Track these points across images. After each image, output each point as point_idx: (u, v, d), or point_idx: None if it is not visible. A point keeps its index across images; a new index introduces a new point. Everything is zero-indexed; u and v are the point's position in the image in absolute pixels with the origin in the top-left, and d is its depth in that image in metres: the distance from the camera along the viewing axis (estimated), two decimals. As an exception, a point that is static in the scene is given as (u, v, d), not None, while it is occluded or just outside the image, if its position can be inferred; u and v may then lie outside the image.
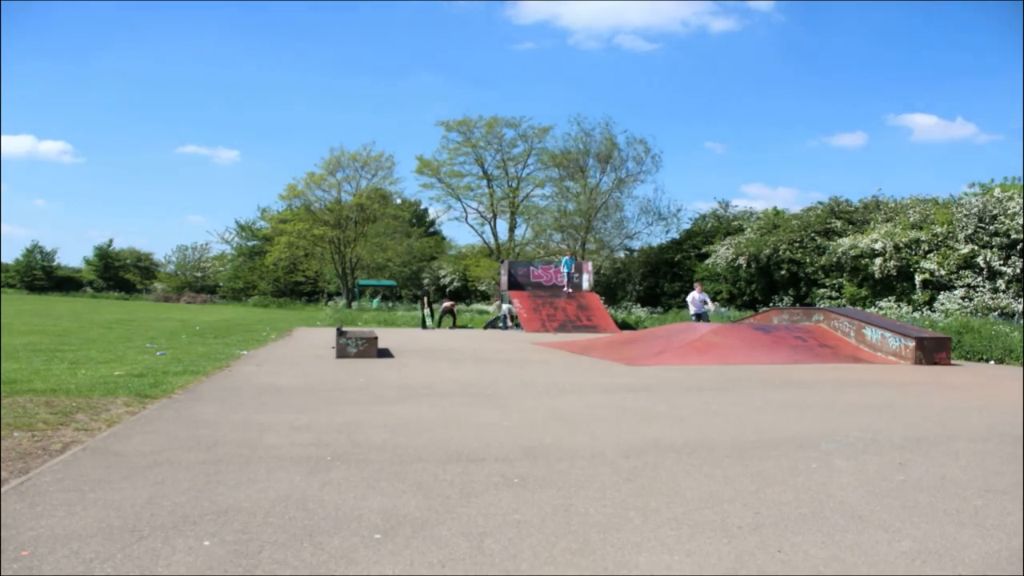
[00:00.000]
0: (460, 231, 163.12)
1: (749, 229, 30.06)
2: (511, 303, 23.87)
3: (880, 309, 21.97)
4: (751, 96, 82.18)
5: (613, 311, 27.92)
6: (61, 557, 2.68)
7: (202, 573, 2.57)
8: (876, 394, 8.24)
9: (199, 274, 66.70)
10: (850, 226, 26.85)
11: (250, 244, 60.40)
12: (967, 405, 7.49)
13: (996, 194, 22.21)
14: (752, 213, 34.93)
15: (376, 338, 12.04)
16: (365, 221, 43.58)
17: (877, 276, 23.23)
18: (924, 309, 21.63)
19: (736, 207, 36.29)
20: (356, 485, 3.77)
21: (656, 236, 36.92)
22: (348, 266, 44.17)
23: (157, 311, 34.32)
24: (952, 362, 12.86)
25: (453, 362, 11.32)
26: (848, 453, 4.85)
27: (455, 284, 48.71)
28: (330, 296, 51.54)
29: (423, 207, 53.89)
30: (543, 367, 10.79)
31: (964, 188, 25.87)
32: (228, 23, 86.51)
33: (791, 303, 26.43)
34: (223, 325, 21.37)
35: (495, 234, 40.20)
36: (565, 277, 25.29)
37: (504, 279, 25.72)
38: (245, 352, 12.10)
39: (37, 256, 69.80)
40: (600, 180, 35.99)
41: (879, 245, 23.32)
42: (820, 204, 29.23)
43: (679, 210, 37.94)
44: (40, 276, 68.33)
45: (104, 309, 33.56)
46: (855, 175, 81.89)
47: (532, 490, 3.75)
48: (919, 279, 22.22)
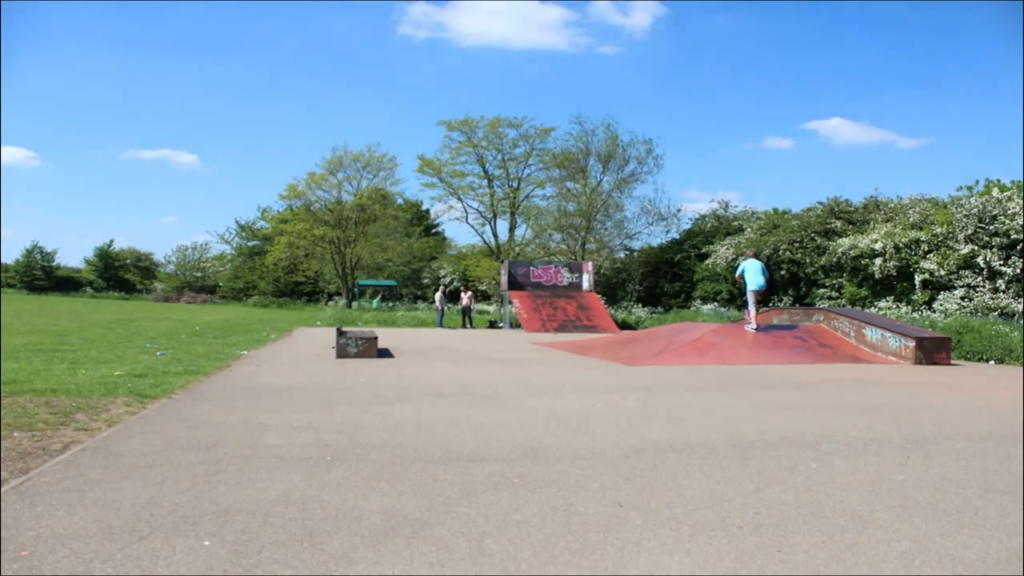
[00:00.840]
0: (460, 231, 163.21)
1: (749, 229, 30.07)
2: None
3: (880, 309, 21.97)
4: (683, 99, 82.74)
5: (613, 311, 27.93)
6: (61, 557, 2.67)
7: (202, 573, 2.57)
8: (876, 394, 8.24)
9: (199, 274, 66.69)
10: (850, 226, 26.86)
11: (250, 244, 60.40)
12: (967, 405, 7.49)
13: (996, 194, 22.21)
14: (752, 213, 34.95)
15: (376, 338, 12.04)
16: (365, 221, 43.57)
17: (877, 276, 23.23)
18: (924, 309, 21.63)
19: (736, 207, 36.33)
20: (356, 485, 3.77)
21: (656, 236, 36.95)
22: (348, 266, 44.17)
23: (157, 311, 34.32)
24: (952, 362, 12.86)
25: (453, 362, 11.32)
26: (848, 453, 4.85)
27: (455, 284, 48.72)
28: (330, 296, 51.54)
29: (424, 207, 53.89)
30: (543, 367, 10.79)
31: (955, 190, 25.89)
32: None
33: (791, 303, 26.44)
34: (223, 325, 21.37)
35: (495, 234, 40.20)
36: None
37: (504, 279, 25.72)
38: (245, 352, 12.10)
39: (37, 256, 69.79)
40: (601, 180, 36.02)
41: (879, 245, 23.33)
42: (820, 204, 29.24)
43: (679, 210, 37.96)
44: (40, 276, 68.32)
45: (104, 309, 33.56)
46: (787, 178, 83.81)
47: (532, 490, 3.75)
48: (919, 279, 22.22)
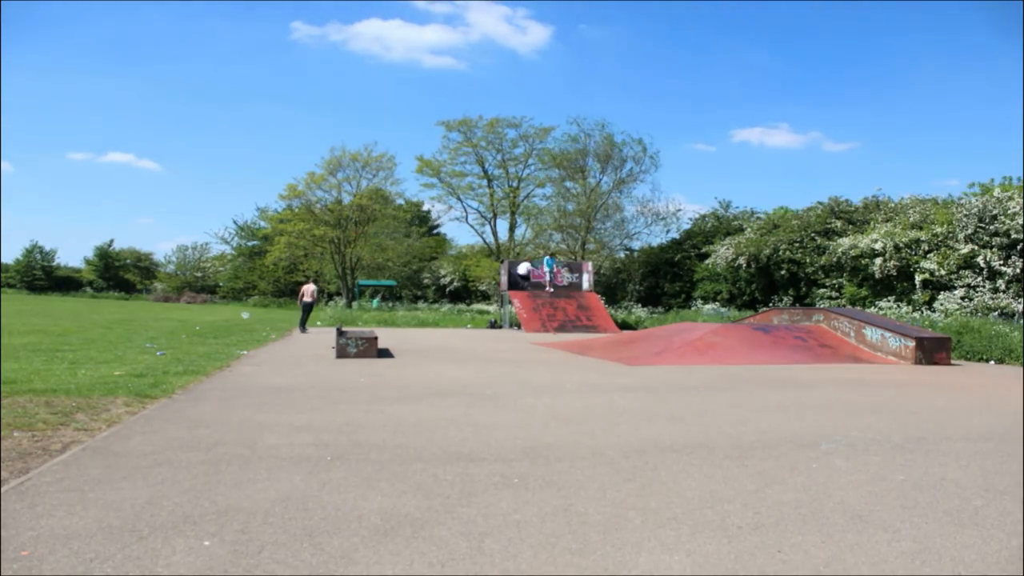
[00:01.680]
0: (460, 231, 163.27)
1: (749, 229, 30.06)
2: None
3: (880, 309, 21.97)
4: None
5: (613, 311, 27.92)
6: (61, 557, 2.67)
7: (202, 573, 2.57)
8: (876, 394, 8.24)
9: (199, 274, 66.69)
10: (850, 226, 26.86)
11: (250, 244, 60.40)
12: (967, 405, 7.49)
13: (996, 194, 22.21)
14: (752, 213, 34.96)
15: (376, 338, 12.04)
16: (365, 221, 43.57)
17: (877, 276, 23.23)
18: (924, 309, 21.63)
19: (736, 207, 36.34)
20: (356, 485, 3.77)
21: (656, 236, 36.96)
22: (348, 266, 44.16)
23: (157, 311, 34.32)
24: (952, 362, 12.86)
25: (453, 362, 11.32)
26: (848, 453, 4.85)
27: (455, 284, 48.69)
28: (330, 296, 51.54)
29: (425, 208, 53.89)
30: (543, 367, 10.79)
31: (964, 189, 25.89)
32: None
33: (791, 303, 26.44)
34: (223, 325, 21.38)
35: (495, 234, 40.18)
36: (548, 276, 25.42)
37: (504, 279, 25.72)
38: (245, 352, 12.10)
39: (37, 256, 69.79)
40: (600, 180, 36.03)
41: (879, 245, 23.33)
42: (820, 204, 29.23)
43: (679, 210, 37.96)
44: (40, 276, 68.32)
45: (104, 309, 33.56)
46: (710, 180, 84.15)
47: (532, 490, 3.75)
48: (919, 279, 22.21)
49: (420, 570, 2.64)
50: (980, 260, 21.15)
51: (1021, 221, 20.78)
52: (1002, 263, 20.92)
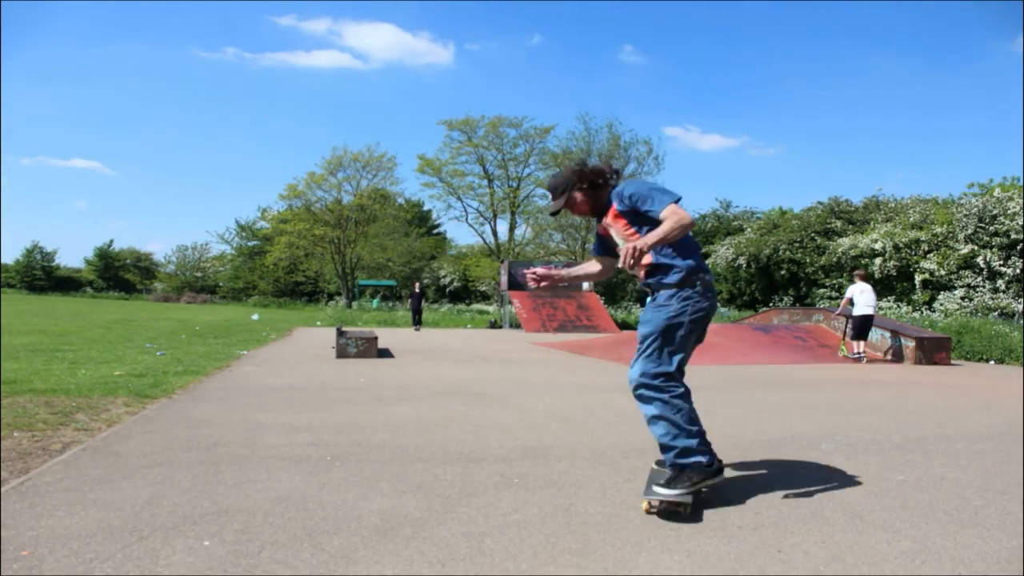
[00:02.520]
0: (460, 231, 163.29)
1: (749, 229, 30.07)
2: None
3: (880, 309, 21.97)
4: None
5: (613, 311, 27.92)
6: (61, 557, 2.67)
7: (202, 573, 2.57)
8: (876, 394, 8.24)
9: (199, 274, 66.69)
10: (850, 226, 26.87)
11: (250, 244, 60.40)
12: (967, 405, 7.49)
13: (996, 194, 22.22)
14: (752, 213, 34.97)
15: (376, 338, 12.04)
16: (365, 221, 43.57)
17: (877, 276, 23.23)
18: (924, 309, 21.63)
19: (736, 207, 36.35)
20: (356, 485, 3.77)
21: (656, 236, 36.85)
22: (348, 266, 44.16)
23: (157, 311, 34.32)
24: (952, 362, 12.86)
25: (453, 362, 11.32)
26: (848, 453, 4.85)
27: (455, 284, 48.67)
28: (330, 296, 51.53)
29: (425, 208, 53.89)
30: (543, 367, 10.79)
31: (964, 188, 25.91)
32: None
33: (791, 303, 26.44)
34: (223, 325, 21.38)
35: (495, 234, 40.20)
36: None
37: (504, 279, 25.73)
38: (245, 352, 12.11)
39: (37, 256, 69.79)
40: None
41: (879, 245, 23.34)
42: (820, 204, 29.23)
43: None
44: (40, 276, 68.32)
45: (104, 309, 33.56)
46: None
47: (532, 490, 3.75)
48: (919, 279, 22.22)
49: (420, 570, 2.64)
50: (980, 260, 21.15)
51: (1021, 221, 20.77)
52: (1002, 263, 20.92)
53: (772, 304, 26.63)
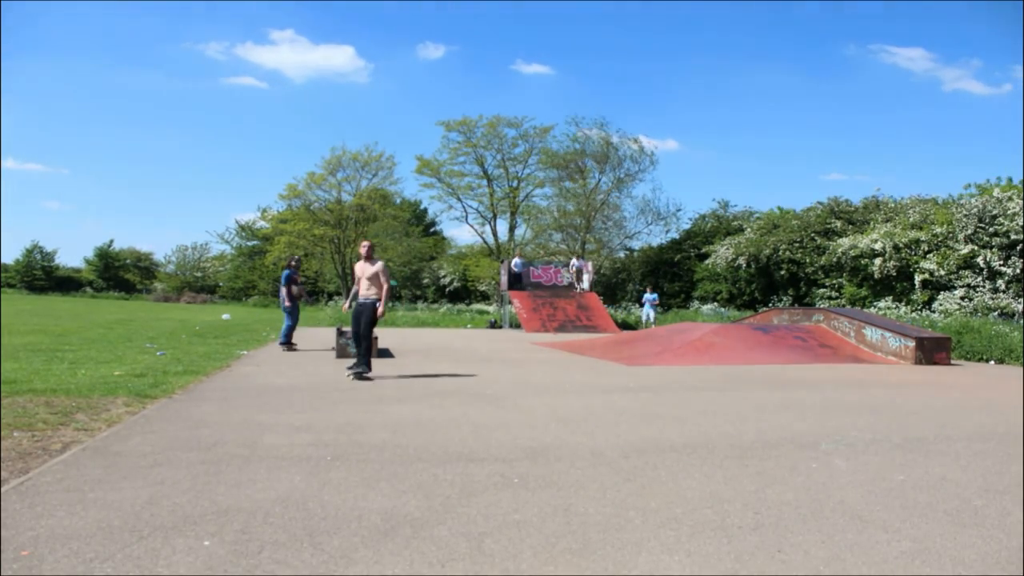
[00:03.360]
0: (460, 231, 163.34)
1: (749, 229, 30.07)
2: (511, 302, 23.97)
3: (880, 309, 21.97)
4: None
5: (613, 311, 27.92)
6: (61, 557, 2.67)
7: (202, 573, 2.57)
8: (876, 394, 8.24)
9: (199, 274, 66.68)
10: (850, 226, 26.87)
11: (250, 244, 60.41)
12: (967, 405, 7.49)
13: (996, 194, 22.22)
14: (752, 213, 34.98)
15: (376, 338, 12.03)
16: (365, 221, 43.58)
17: (877, 276, 23.23)
18: (924, 309, 21.63)
19: (736, 207, 36.37)
20: (356, 485, 3.77)
21: (656, 236, 36.97)
22: (348, 266, 44.15)
23: (157, 311, 34.32)
24: (952, 362, 12.86)
25: (453, 362, 11.32)
26: (848, 453, 4.85)
27: (455, 284, 48.67)
28: (330, 296, 51.54)
29: (423, 207, 53.90)
30: (543, 367, 10.79)
31: (960, 189, 25.95)
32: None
33: (791, 303, 26.44)
34: (223, 325, 21.38)
35: (495, 234, 40.18)
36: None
37: (504, 279, 25.73)
38: (245, 352, 12.11)
39: (37, 256, 69.74)
40: (599, 180, 36.04)
41: (879, 245, 23.33)
42: (820, 204, 29.24)
43: (679, 210, 37.98)
44: (40, 276, 68.26)
45: (104, 309, 33.56)
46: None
47: (532, 490, 3.75)
48: (919, 279, 22.22)
49: (420, 570, 2.64)
50: (980, 260, 21.15)
51: (1021, 221, 20.78)
52: (1002, 263, 20.92)
53: (772, 304, 26.62)
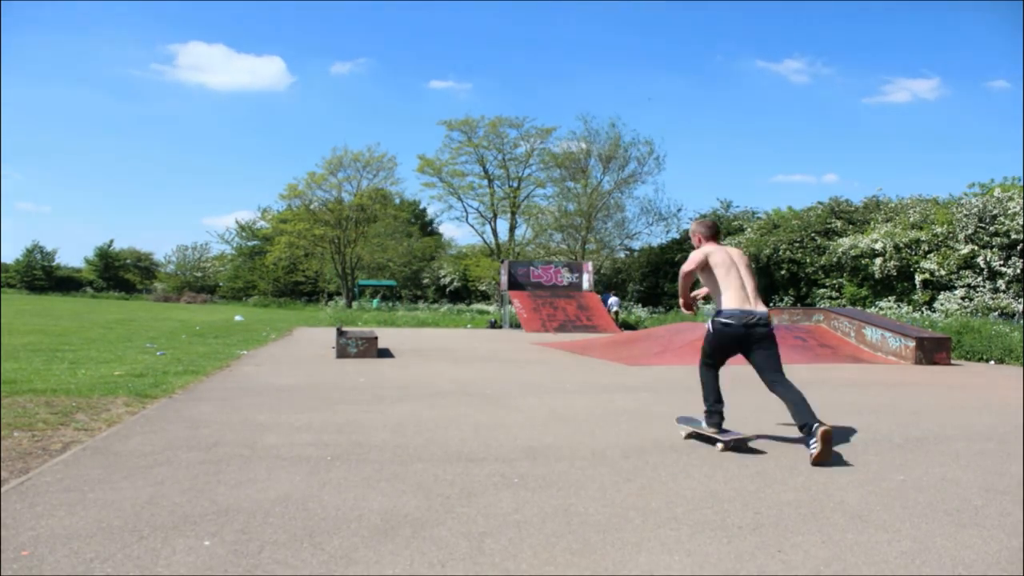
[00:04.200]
0: (460, 231, 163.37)
1: (749, 229, 30.08)
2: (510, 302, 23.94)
3: (880, 309, 21.97)
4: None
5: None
6: (61, 557, 2.67)
7: (202, 573, 2.57)
8: (876, 394, 8.24)
9: (199, 274, 66.68)
10: (850, 226, 26.87)
11: (250, 244, 60.42)
12: (967, 405, 7.49)
13: (996, 194, 22.22)
14: (752, 213, 34.99)
15: (376, 338, 12.03)
16: (365, 221, 43.58)
17: (877, 276, 23.24)
18: (924, 309, 21.62)
19: (737, 207, 36.38)
20: (356, 485, 3.77)
21: (656, 236, 36.99)
22: (348, 266, 44.15)
23: (157, 311, 34.32)
24: (952, 362, 12.86)
25: (453, 362, 11.32)
26: (848, 453, 4.85)
27: (455, 284, 48.68)
28: (330, 296, 51.53)
29: (423, 207, 53.89)
30: (543, 367, 10.79)
31: (964, 188, 25.93)
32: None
33: (791, 303, 26.44)
34: (223, 325, 21.38)
35: (495, 234, 40.20)
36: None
37: (504, 279, 25.74)
38: (245, 352, 12.11)
39: (37, 256, 69.75)
40: (601, 180, 36.05)
41: (879, 245, 23.34)
42: (820, 204, 29.24)
43: (679, 210, 38.03)
44: (40, 276, 68.26)
45: (104, 309, 33.56)
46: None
47: (532, 490, 3.75)
48: (919, 279, 22.22)
49: (420, 570, 2.64)
50: (980, 260, 21.15)
51: (1021, 221, 20.78)
52: (1002, 263, 20.92)
53: (772, 304, 26.64)
